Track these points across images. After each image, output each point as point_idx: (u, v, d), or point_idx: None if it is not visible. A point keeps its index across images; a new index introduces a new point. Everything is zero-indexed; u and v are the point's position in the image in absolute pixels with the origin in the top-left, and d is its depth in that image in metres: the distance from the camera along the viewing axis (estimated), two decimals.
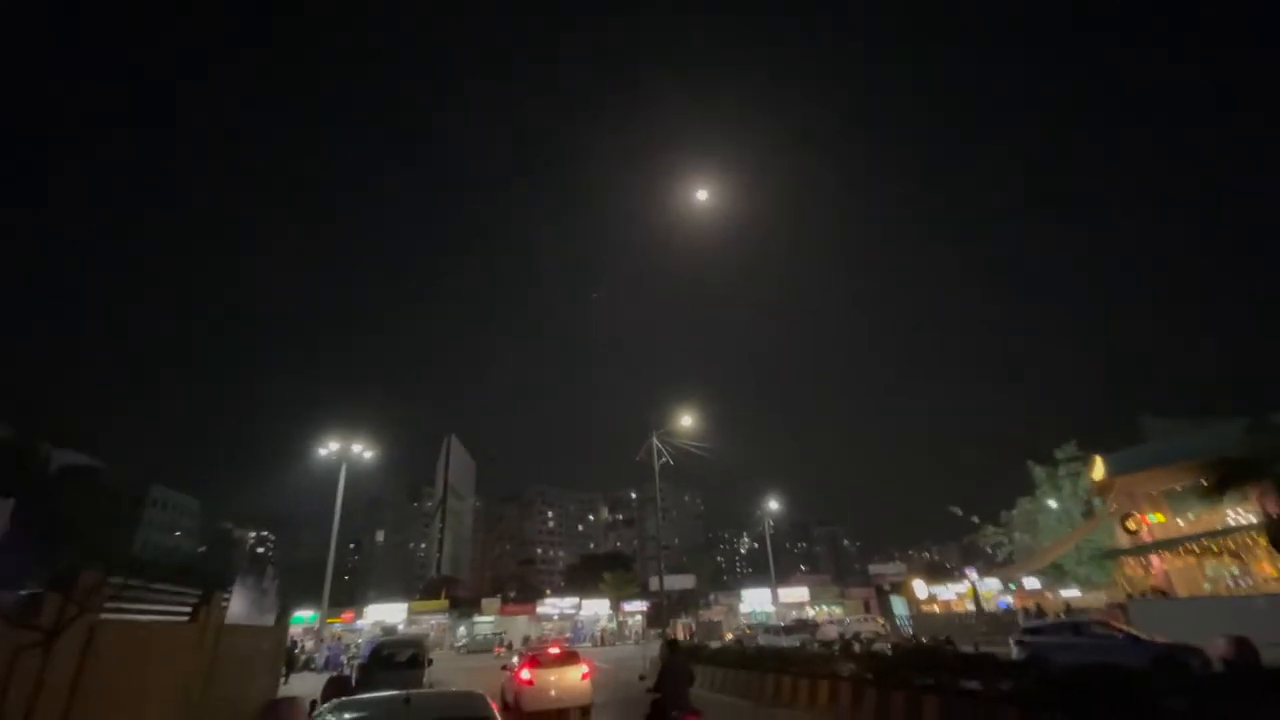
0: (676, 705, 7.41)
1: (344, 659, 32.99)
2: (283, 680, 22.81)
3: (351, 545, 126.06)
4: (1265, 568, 22.91)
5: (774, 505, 49.54)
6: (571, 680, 12.56)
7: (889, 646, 22.33)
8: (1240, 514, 24.61)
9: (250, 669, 13.31)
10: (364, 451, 39.87)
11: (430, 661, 14.59)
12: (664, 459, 24.66)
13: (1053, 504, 41.14)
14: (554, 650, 13.90)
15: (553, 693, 12.34)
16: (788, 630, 28.94)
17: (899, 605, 28.91)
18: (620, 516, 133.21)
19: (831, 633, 32.03)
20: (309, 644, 38.44)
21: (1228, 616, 16.28)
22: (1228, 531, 19.34)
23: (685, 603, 52.64)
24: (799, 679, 12.59)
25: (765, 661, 14.27)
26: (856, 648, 25.14)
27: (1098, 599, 32.54)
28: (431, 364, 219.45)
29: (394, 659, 14.21)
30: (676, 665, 7.94)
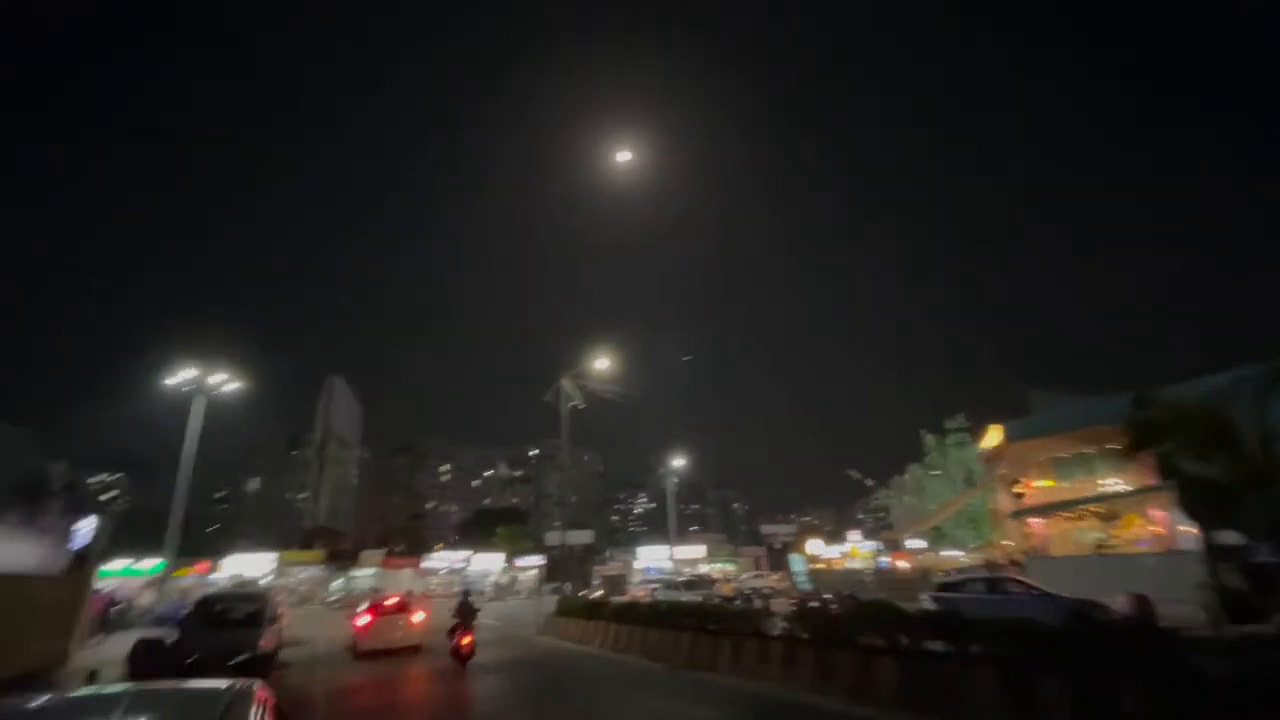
0: (463, 625, 12.67)
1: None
2: (96, 640, 18.91)
3: (219, 495, 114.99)
4: (1129, 530, 24.81)
5: (678, 463, 49.09)
6: (404, 626, 14.91)
7: (792, 602, 21.99)
8: (1112, 481, 26.57)
9: (15, 627, 10.01)
10: (225, 383, 34.08)
11: (274, 620, 11.79)
12: (574, 402, 22.54)
13: (935, 472, 43.69)
14: (391, 600, 16.30)
15: (397, 634, 14.71)
16: (688, 585, 28.19)
17: (797, 562, 29.09)
18: (518, 473, 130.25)
19: (730, 588, 31.97)
20: (147, 598, 33.34)
21: (1118, 573, 16.80)
22: (1132, 494, 20.13)
23: (583, 558, 51.59)
24: (720, 638, 11.14)
25: (680, 619, 12.75)
26: (758, 602, 24.84)
27: (974, 559, 34.54)
28: (324, 306, 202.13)
29: (226, 616, 11.32)
30: (466, 604, 13.36)
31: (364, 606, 16.33)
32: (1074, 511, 22.77)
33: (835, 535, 64.99)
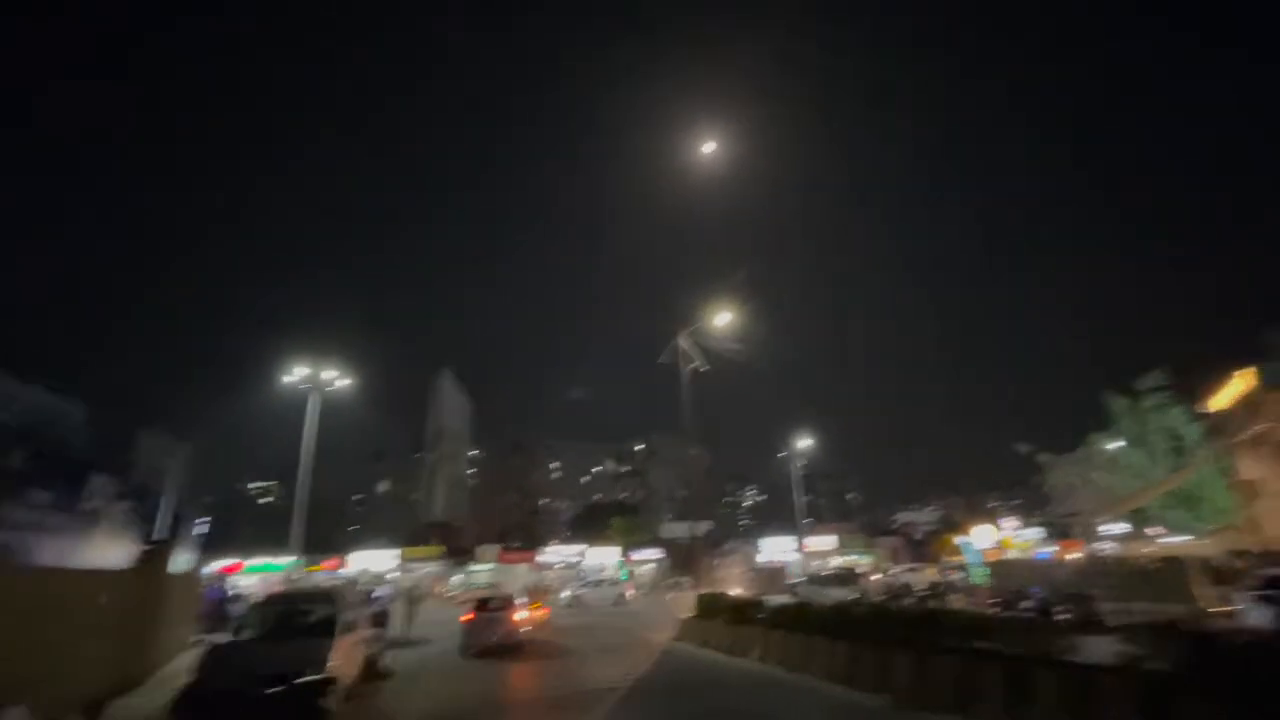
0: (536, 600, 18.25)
1: None
2: (195, 640, 17.90)
3: (356, 497, 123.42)
4: None
5: (803, 443, 44.43)
6: (505, 624, 14.96)
7: (992, 603, 17.32)
8: None
9: (54, 631, 8.00)
10: (336, 379, 33.81)
11: (350, 627, 9.19)
12: (694, 364, 19.14)
13: (1118, 443, 36.10)
14: (494, 598, 16.79)
15: (497, 632, 14.82)
16: (837, 580, 23.97)
17: (973, 552, 23.80)
18: (626, 468, 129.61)
19: (877, 584, 27.31)
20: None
21: None
22: None
23: (701, 550, 48.11)
24: (980, 664, 7.19)
25: (886, 629, 8.89)
26: (932, 602, 20.21)
27: (1201, 546, 27.39)
28: (435, 314, 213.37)
29: (291, 620, 8.92)
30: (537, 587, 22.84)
31: (469, 605, 16.39)
32: None
33: (962, 525, 57.12)
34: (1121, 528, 34.87)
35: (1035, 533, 49.97)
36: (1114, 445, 34.77)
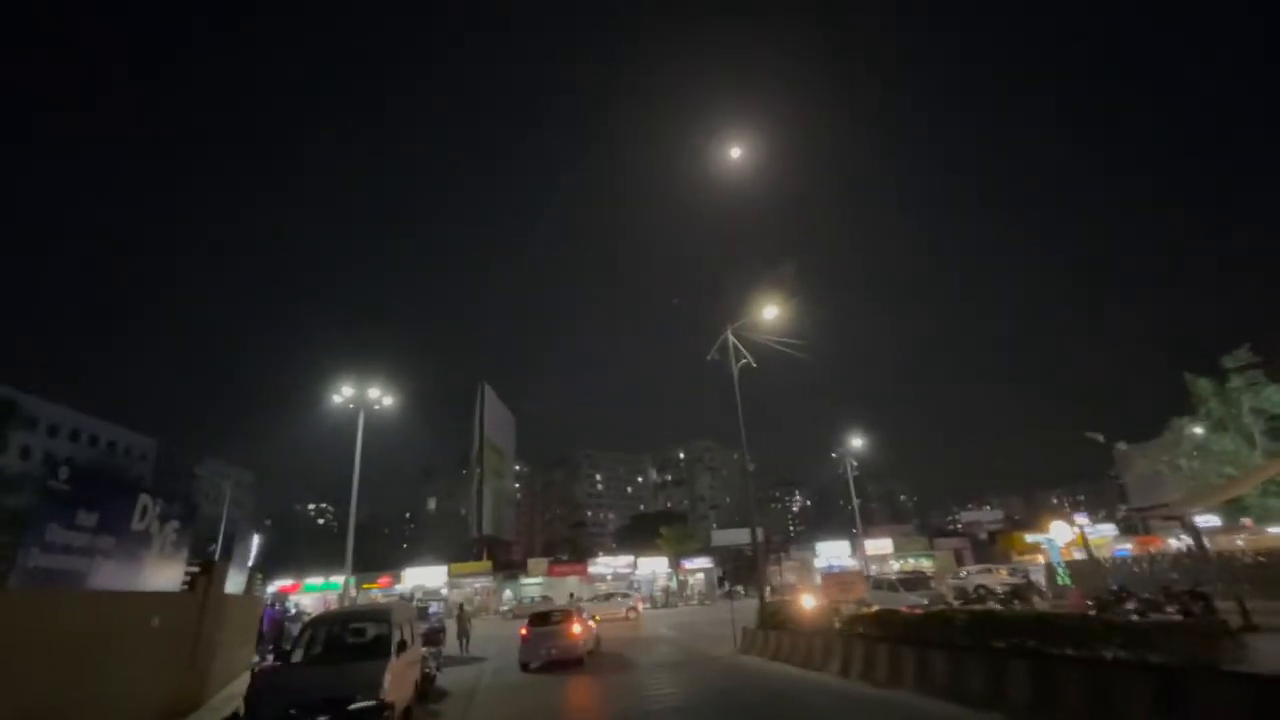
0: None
1: None
2: (255, 661, 17.86)
3: (407, 515, 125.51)
4: None
5: (856, 443, 42.85)
6: (563, 638, 14.49)
7: (1090, 606, 15.84)
8: None
9: (104, 655, 7.73)
10: (382, 398, 34.08)
11: (406, 644, 8.68)
12: (744, 360, 18.33)
13: (1198, 429, 33.46)
14: (552, 611, 16.57)
15: (555, 646, 14.39)
16: (906, 584, 22.55)
17: (1055, 551, 21.94)
18: (669, 477, 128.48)
19: (951, 587, 25.74)
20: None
21: None
22: None
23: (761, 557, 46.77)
24: (1114, 675, 6.18)
25: (995, 634, 7.88)
26: (1016, 604, 18.73)
27: None
28: (475, 331, 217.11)
29: (343, 641, 8.47)
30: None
31: (526, 619, 16.29)
32: None
33: (1031, 523, 53.98)
34: (1211, 520, 32.17)
35: (1108, 529, 46.87)
36: (1200, 430, 32.23)
